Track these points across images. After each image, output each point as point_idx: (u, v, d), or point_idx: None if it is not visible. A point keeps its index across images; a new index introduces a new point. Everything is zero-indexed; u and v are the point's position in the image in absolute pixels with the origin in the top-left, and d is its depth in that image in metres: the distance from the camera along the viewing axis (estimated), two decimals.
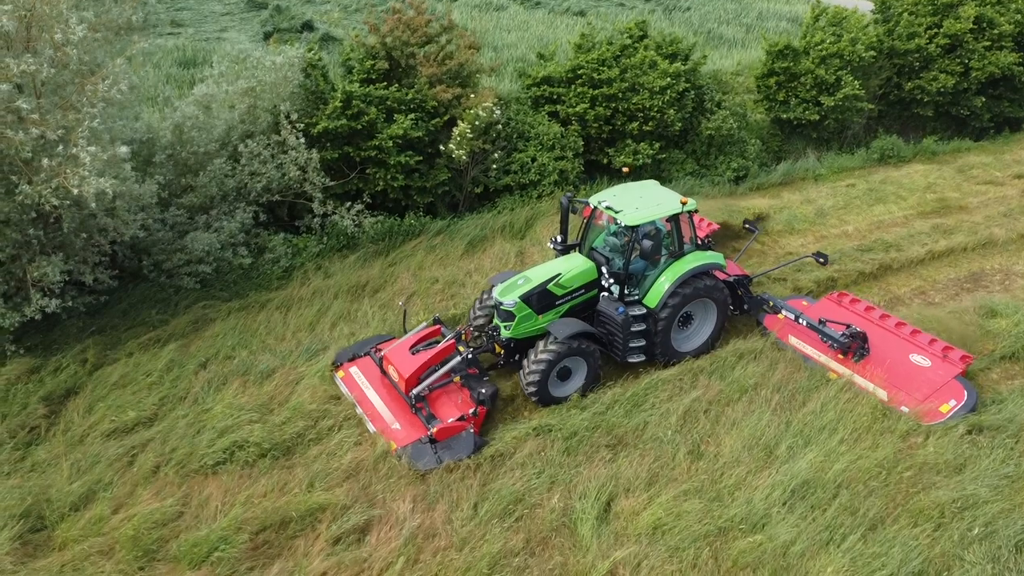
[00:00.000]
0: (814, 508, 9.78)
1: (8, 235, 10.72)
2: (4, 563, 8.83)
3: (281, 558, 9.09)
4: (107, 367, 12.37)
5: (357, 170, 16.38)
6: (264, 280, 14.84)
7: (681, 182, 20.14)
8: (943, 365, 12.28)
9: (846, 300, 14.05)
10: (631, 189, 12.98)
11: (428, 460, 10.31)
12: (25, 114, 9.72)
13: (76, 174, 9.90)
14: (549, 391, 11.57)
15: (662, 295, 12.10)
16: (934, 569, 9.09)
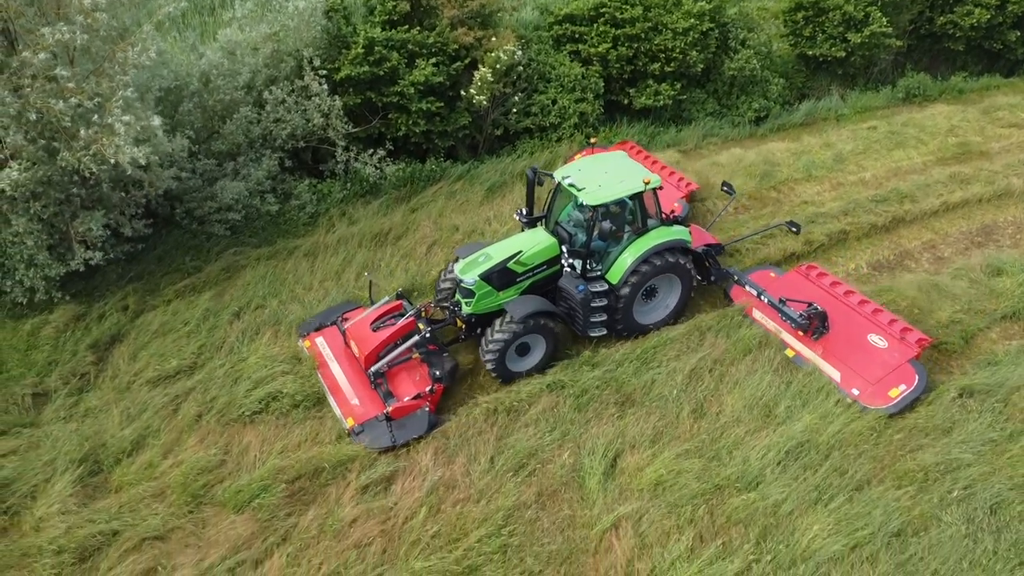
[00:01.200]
0: (806, 469, 10.52)
1: (51, 194, 11.28)
2: (69, 504, 9.84)
3: (315, 504, 10.03)
4: (147, 314, 13.15)
5: (379, 116, 16.61)
6: (291, 226, 15.38)
7: (701, 123, 20.19)
8: (899, 347, 12.08)
9: (813, 274, 13.73)
10: (597, 163, 12.73)
11: (383, 439, 10.65)
12: (63, 82, 10.10)
13: (112, 143, 10.37)
14: (508, 367, 11.76)
15: (624, 272, 12.10)
16: (912, 529, 9.87)
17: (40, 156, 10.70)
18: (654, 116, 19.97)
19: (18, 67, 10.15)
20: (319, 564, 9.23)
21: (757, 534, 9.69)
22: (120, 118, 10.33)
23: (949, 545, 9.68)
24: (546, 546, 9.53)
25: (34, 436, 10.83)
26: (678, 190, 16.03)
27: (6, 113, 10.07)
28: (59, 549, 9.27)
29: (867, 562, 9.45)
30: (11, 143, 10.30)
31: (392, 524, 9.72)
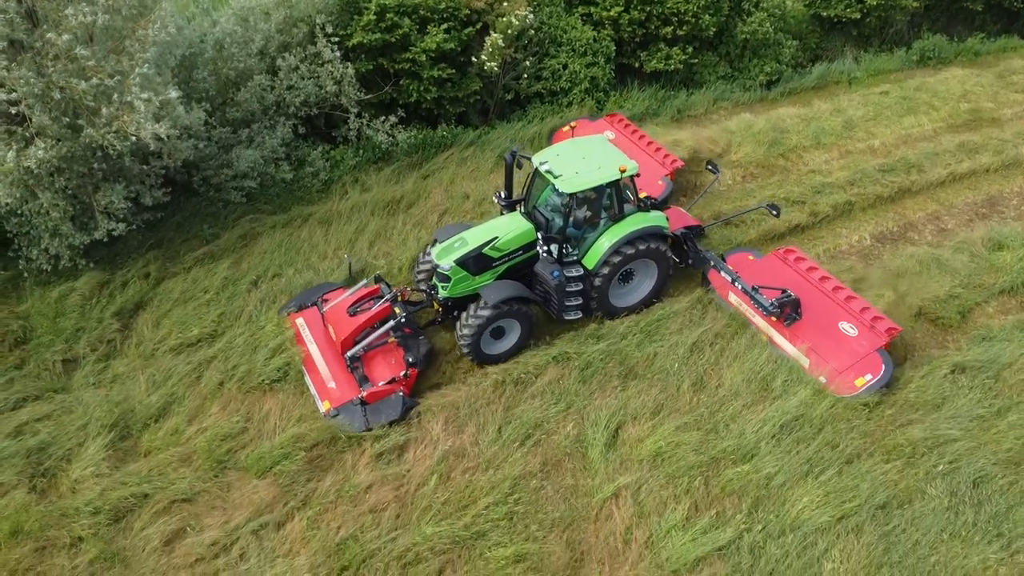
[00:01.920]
0: (799, 442, 11.02)
1: (75, 169, 11.64)
2: (102, 468, 10.47)
3: (332, 470, 10.63)
4: (168, 281, 13.62)
5: (391, 82, 16.74)
6: (305, 193, 15.70)
7: (712, 86, 20.19)
8: (868, 336, 12.14)
9: (791, 258, 13.61)
10: (577, 147, 12.58)
11: (357, 423, 10.96)
12: (84, 61, 10.36)
13: (133, 120, 10.68)
14: (482, 351, 11.97)
15: (599, 257, 12.16)
16: (897, 501, 10.42)
17: (64, 133, 11.03)
18: (665, 80, 19.97)
19: (41, 47, 10.40)
20: (337, 528, 9.87)
21: (749, 504, 10.25)
22: (139, 95, 10.62)
23: (931, 517, 10.23)
24: (549, 513, 10.13)
25: (66, 401, 11.42)
26: (663, 167, 15.76)
27: (31, 93, 10.37)
28: (95, 510, 9.94)
29: (852, 532, 10.01)
30: (36, 122, 10.62)
31: (405, 491, 10.33)
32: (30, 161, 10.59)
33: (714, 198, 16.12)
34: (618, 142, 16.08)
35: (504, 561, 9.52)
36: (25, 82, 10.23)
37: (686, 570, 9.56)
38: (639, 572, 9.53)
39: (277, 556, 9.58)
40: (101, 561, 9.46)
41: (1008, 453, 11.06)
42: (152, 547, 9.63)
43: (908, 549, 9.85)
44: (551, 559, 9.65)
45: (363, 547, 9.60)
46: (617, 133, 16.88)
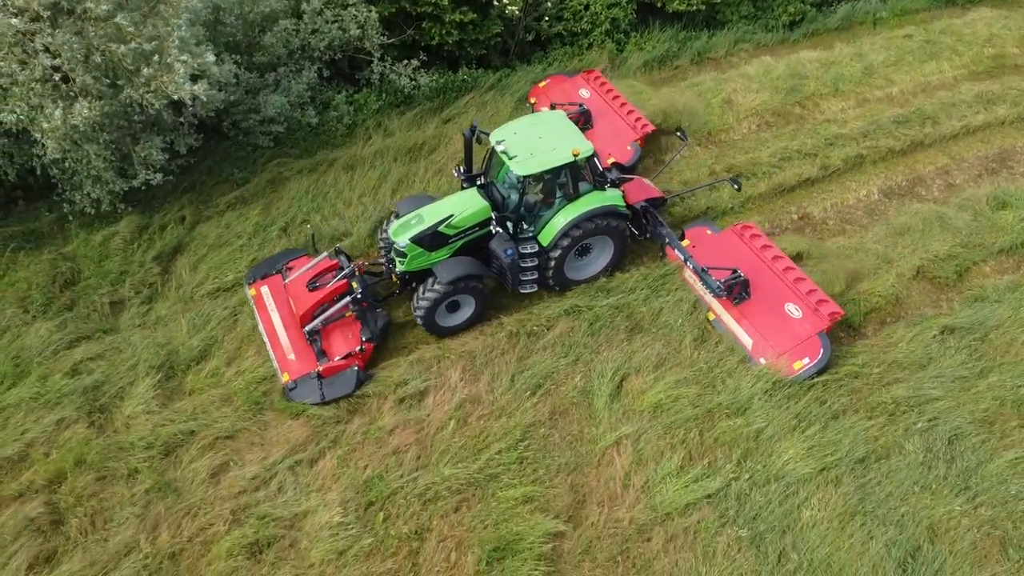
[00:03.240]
0: (789, 398, 11.87)
1: (116, 123, 12.27)
2: (151, 405, 11.55)
3: (359, 413, 11.65)
4: (203, 225, 14.38)
5: (413, 25, 16.93)
6: (330, 137, 16.21)
7: (735, 27, 20.10)
8: (811, 319, 12.33)
9: (747, 234, 13.67)
10: (534, 126, 12.73)
11: (313, 395, 11.53)
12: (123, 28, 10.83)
13: (171, 80, 11.22)
14: (437, 323, 12.46)
15: (554, 235, 12.44)
16: (875, 456, 11.34)
17: (105, 92, 11.59)
18: (687, 20, 19.90)
19: (82, 12, 10.85)
20: (364, 466, 10.96)
21: (739, 455, 11.22)
22: (178, 58, 11.13)
23: (905, 471, 11.17)
24: (556, 459, 11.16)
25: (115, 342, 12.42)
26: (633, 131, 15.58)
27: (74, 58, 10.89)
28: (148, 445, 11.06)
29: (831, 483, 10.99)
30: (80, 82, 11.18)
31: (425, 434, 11.36)
32: (76, 119, 11.21)
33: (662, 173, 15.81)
34: (592, 101, 16.28)
35: (514, 501, 10.60)
36: (68, 47, 10.75)
37: (677, 513, 10.61)
38: (635, 514, 10.59)
39: (311, 490, 10.71)
40: (156, 491, 10.62)
41: (984, 413, 11.89)
42: (200, 479, 10.78)
43: (881, 500, 10.84)
44: (556, 500, 10.73)
45: (387, 485, 10.70)
46: (592, 92, 16.61)
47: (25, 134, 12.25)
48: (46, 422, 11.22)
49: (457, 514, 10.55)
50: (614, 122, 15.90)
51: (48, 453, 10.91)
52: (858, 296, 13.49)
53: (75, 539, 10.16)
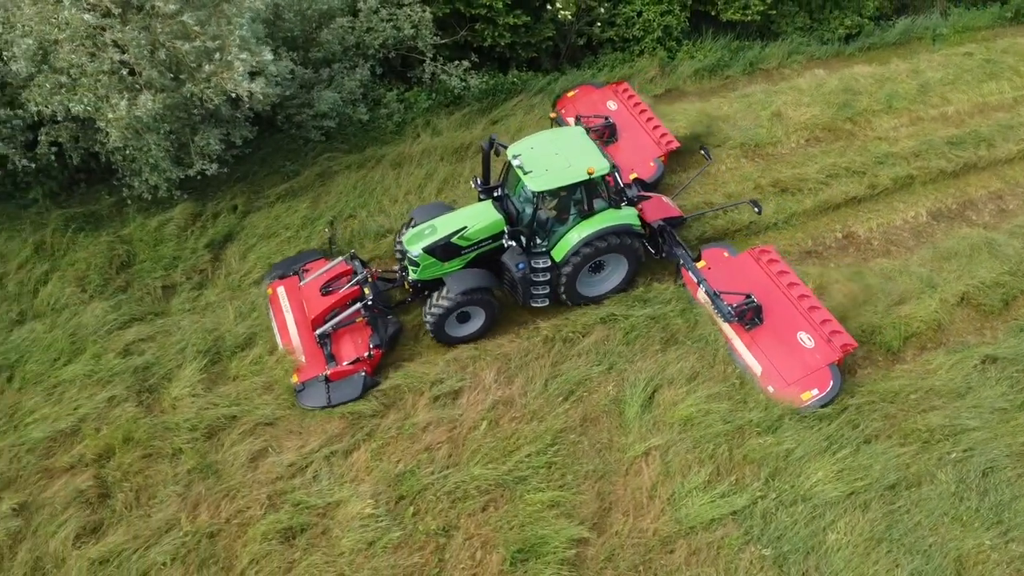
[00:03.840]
0: (822, 419, 11.87)
1: (176, 115, 12.73)
2: (197, 388, 12.00)
3: (395, 408, 11.95)
4: (253, 215, 14.81)
5: (466, 26, 17.15)
6: (379, 134, 16.53)
7: (789, 38, 19.92)
8: (823, 349, 12.11)
9: (764, 259, 13.39)
10: (552, 142, 12.70)
11: (319, 398, 11.73)
12: (189, 26, 11.25)
13: (231, 78, 11.62)
14: (447, 333, 12.54)
15: (567, 251, 12.41)
16: (906, 483, 11.30)
17: (168, 85, 12.04)
18: (740, 30, 19.77)
19: (150, 9, 11.29)
20: (397, 461, 11.25)
21: (767, 474, 11.26)
22: (238, 56, 11.52)
23: (936, 500, 11.11)
24: (584, 466, 11.33)
25: (165, 325, 12.90)
26: (657, 147, 15.46)
27: (141, 53, 11.34)
28: (192, 427, 11.50)
29: (859, 508, 10.98)
30: (145, 76, 11.63)
31: (457, 433, 11.61)
32: (140, 110, 11.68)
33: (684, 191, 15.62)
34: (619, 114, 16.23)
35: (540, 505, 10.80)
36: (136, 43, 11.19)
37: (702, 528, 10.71)
38: (659, 526, 10.72)
39: (345, 481, 11.04)
40: (197, 471, 11.05)
41: (1022, 447, 11.74)
42: (240, 463, 11.18)
43: (909, 528, 10.80)
44: (582, 507, 10.91)
45: (418, 480, 10.99)
46: (620, 104, 16.50)
47: (90, 122, 12.75)
48: (98, 399, 11.73)
49: (484, 513, 10.79)
50: (639, 137, 15.80)
51: (99, 429, 11.41)
52: (898, 320, 13.38)
53: (120, 513, 10.64)
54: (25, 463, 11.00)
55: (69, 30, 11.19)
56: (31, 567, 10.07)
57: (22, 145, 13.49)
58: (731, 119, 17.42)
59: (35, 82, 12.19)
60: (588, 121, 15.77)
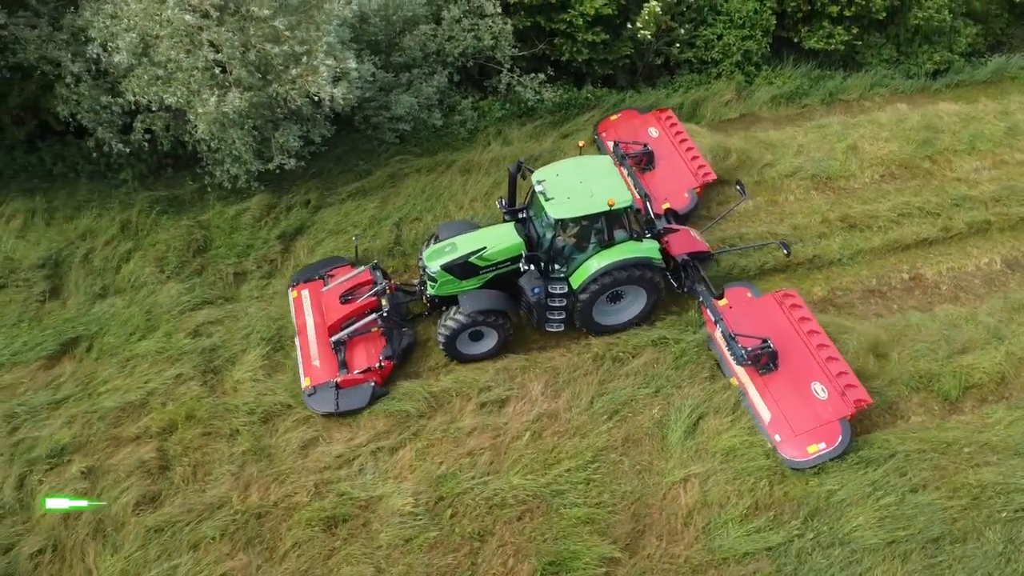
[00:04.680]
0: (868, 463, 11.70)
1: (261, 112, 13.36)
2: (258, 374, 12.58)
3: (443, 411, 12.29)
4: (324, 210, 15.39)
5: (545, 40, 17.42)
6: (451, 139, 16.94)
7: (873, 70, 19.55)
8: (836, 403, 11.81)
9: (787, 303, 13.07)
10: (578, 169, 12.62)
11: (328, 404, 11.97)
12: (280, 31, 11.84)
13: (315, 81, 12.16)
14: (458, 349, 12.68)
15: (584, 280, 12.36)
16: (951, 537, 11.04)
17: (255, 84, 12.66)
18: (823, 58, 19.50)
19: (245, 13, 11.91)
20: (440, 462, 11.59)
21: (806, 513, 11.17)
22: (324, 61, 12.06)
23: (981, 559, 10.84)
24: (622, 486, 11.45)
25: (233, 310, 13.55)
26: (693, 178, 15.34)
27: (233, 53, 11.98)
28: (250, 411, 12.07)
29: (899, 558, 10.80)
30: (235, 75, 12.28)
31: (501, 440, 11.88)
32: (227, 107, 12.33)
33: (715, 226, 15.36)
34: (659, 141, 16.13)
35: (575, 520, 10.99)
36: (229, 43, 11.83)
37: (735, 560, 10.72)
38: (691, 553, 10.77)
39: (388, 477, 11.43)
40: (252, 453, 11.61)
41: None
42: (291, 450, 11.69)
43: None
44: (616, 526, 11.04)
45: (459, 484, 11.30)
46: (661, 131, 16.41)
47: (181, 112, 13.50)
48: (166, 375, 12.43)
49: (520, 523, 11.03)
50: (677, 166, 15.66)
51: (165, 404, 12.09)
52: (959, 369, 13.05)
53: (178, 485, 11.27)
54: (96, 430, 11.74)
55: (170, 28, 11.91)
56: (93, 528, 10.76)
57: (118, 130, 14.40)
58: (804, 149, 17.21)
59: (134, 73, 12.99)
60: (626, 147, 15.82)
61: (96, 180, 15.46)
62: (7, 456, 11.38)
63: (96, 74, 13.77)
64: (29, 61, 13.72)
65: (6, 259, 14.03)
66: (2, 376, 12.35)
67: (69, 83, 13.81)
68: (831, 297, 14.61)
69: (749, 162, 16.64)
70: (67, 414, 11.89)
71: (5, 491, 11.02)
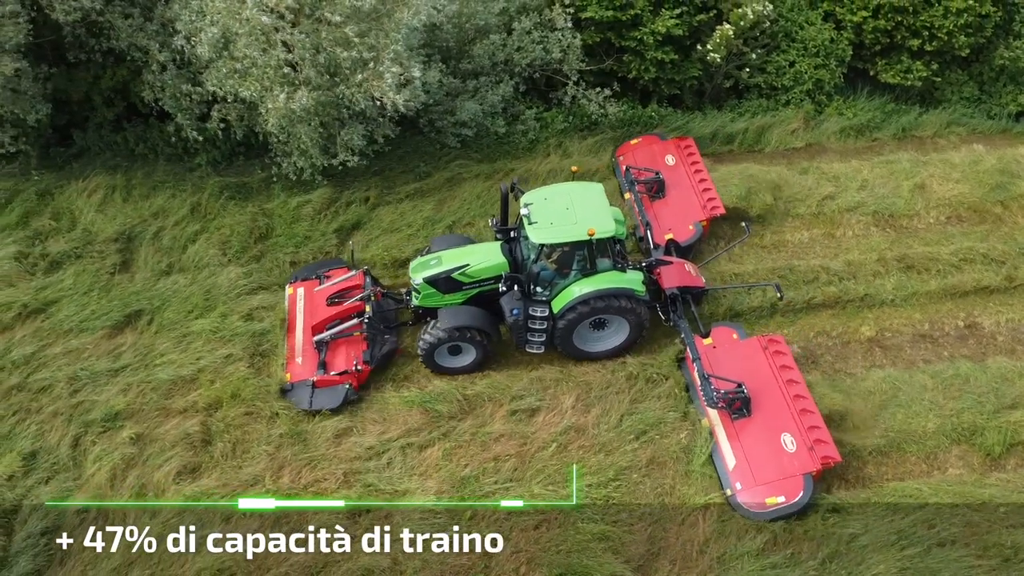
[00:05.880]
0: (896, 511, 11.49)
1: (327, 111, 13.94)
2: None
3: (473, 414, 12.59)
4: (382, 208, 15.90)
5: (613, 56, 17.55)
6: (512, 148, 17.22)
7: (952, 108, 19.00)
8: (803, 457, 11.49)
9: (771, 348, 12.77)
10: (569, 194, 12.59)
11: (303, 401, 12.36)
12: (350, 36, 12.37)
13: (379, 87, 12.65)
14: (437, 362, 12.88)
15: (564, 306, 12.47)
16: None
17: (323, 84, 13.24)
18: (899, 93, 19.04)
19: (318, 17, 12.48)
20: (465, 464, 11.90)
21: (825, 555, 11.05)
22: (389, 68, 12.54)
23: None
24: (641, 507, 11.53)
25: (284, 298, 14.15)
26: (701, 210, 15.12)
27: (305, 54, 12.58)
28: None
29: None
30: (305, 75, 12.87)
31: (526, 449, 12.11)
32: (295, 104, 12.94)
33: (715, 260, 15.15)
34: (674, 170, 15.96)
35: (590, 535, 11.14)
36: (302, 45, 12.42)
37: None
38: None
39: (414, 473, 11.80)
40: (288, 436, 12.15)
41: None
42: (325, 437, 12.18)
43: None
44: (631, 546, 11.14)
45: (481, 486, 11.59)
46: (678, 160, 16.25)
47: (255, 105, 14.17)
48: (218, 354, 13.10)
49: (536, 531, 11.25)
50: (687, 197, 15.48)
51: (213, 381, 12.75)
52: (1006, 425, 12.66)
53: (217, 460, 11.89)
54: (148, 400, 12.49)
55: (248, 26, 12.57)
56: (136, 491, 11.47)
57: (196, 117, 15.22)
58: (869, 184, 16.88)
59: (214, 66, 13.74)
60: (638, 174, 15.84)
61: (173, 163, 16.35)
62: (66, 416, 12.21)
63: (180, 64, 14.63)
64: (121, 47, 14.69)
65: (85, 231, 15.01)
66: (69, 341, 13.24)
67: (155, 70, 14.72)
68: (879, 338, 14.34)
69: (787, 194, 16.39)
70: (124, 382, 12.68)
71: (61, 449, 11.85)
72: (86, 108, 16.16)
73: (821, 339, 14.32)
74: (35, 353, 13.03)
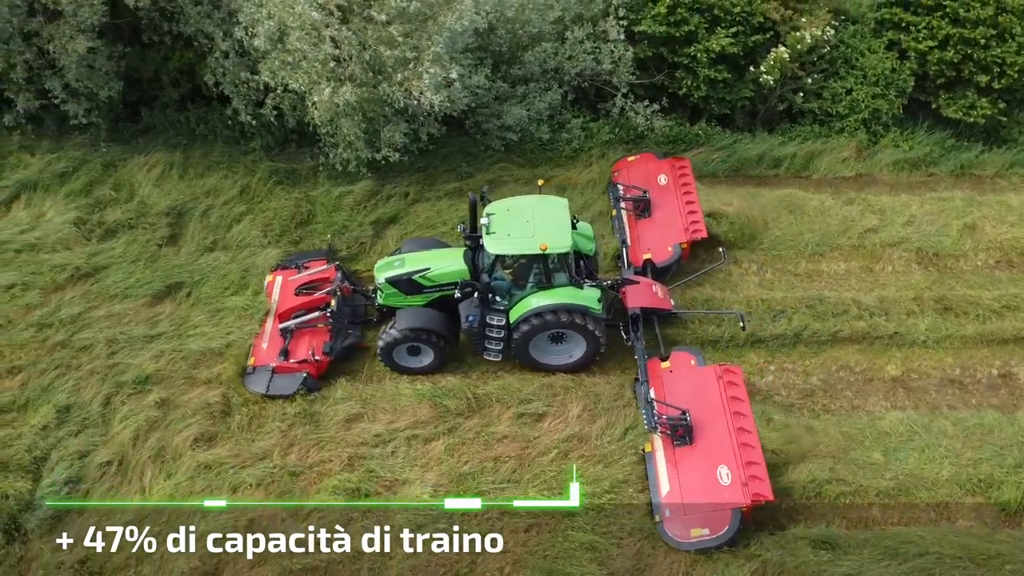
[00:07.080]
0: (895, 556, 11.23)
1: (371, 107, 14.43)
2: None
3: (481, 413, 12.87)
4: (420, 204, 16.33)
5: (665, 71, 17.55)
6: (555, 155, 17.42)
7: (1017, 148, 18.30)
8: (735, 491, 11.24)
9: (726, 378, 12.52)
10: (532, 207, 12.77)
11: (261, 385, 12.77)
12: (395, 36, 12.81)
13: (419, 87, 13.05)
14: (395, 361, 13.11)
15: (519, 316, 12.64)
16: None
17: (367, 81, 13.73)
18: (962, 128, 18.42)
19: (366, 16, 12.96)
20: (466, 461, 12.18)
21: None
22: (428, 69, 12.92)
23: None
24: (633, 522, 11.59)
25: None
26: (683, 232, 14.98)
27: (351, 51, 13.08)
28: None
29: None
30: (350, 71, 13.38)
31: (527, 453, 12.31)
32: (339, 99, 13.46)
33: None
34: (664, 189, 15.84)
35: (579, 544, 11.26)
36: (348, 42, 12.92)
37: None
38: None
39: (416, 465, 12.15)
40: (302, 416, 12.67)
41: None
42: (336, 420, 12.65)
43: None
44: (618, 559, 11.22)
45: (478, 485, 11.85)
46: (670, 179, 16.12)
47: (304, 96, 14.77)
48: (246, 330, 13.75)
49: (526, 534, 11.45)
50: (672, 218, 15.34)
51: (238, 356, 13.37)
52: None
53: (232, 432, 12.50)
54: (177, 368, 13.20)
55: (300, 21, 13.14)
56: (155, 452, 12.15)
57: (252, 103, 15.93)
58: (916, 220, 16.45)
59: (270, 56, 14.37)
60: (626, 191, 15.85)
61: (230, 145, 17.15)
62: (101, 376, 13.02)
63: (240, 52, 15.34)
64: (189, 32, 15.51)
65: (140, 203, 15.92)
66: (113, 306, 14.09)
67: (218, 56, 15.47)
68: (904, 378, 14.00)
69: (827, 224, 16.16)
70: (157, 349, 13.43)
71: (93, 406, 12.64)
72: (155, 87, 17.12)
73: (843, 373, 14.06)
74: (81, 314, 13.91)
